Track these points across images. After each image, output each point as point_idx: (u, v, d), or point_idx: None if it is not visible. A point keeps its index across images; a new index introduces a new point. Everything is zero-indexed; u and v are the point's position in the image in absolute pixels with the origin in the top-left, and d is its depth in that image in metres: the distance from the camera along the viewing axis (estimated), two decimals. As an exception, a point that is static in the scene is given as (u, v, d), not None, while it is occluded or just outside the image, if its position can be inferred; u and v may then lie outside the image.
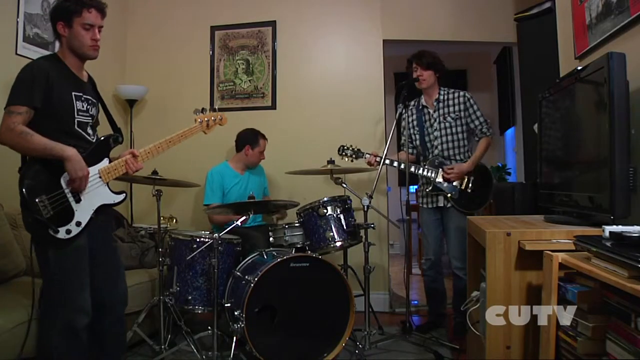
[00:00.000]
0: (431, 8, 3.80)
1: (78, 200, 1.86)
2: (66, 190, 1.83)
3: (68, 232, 1.80)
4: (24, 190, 1.74)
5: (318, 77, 3.82)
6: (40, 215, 1.74)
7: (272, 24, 3.85)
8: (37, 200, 1.74)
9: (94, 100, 2.04)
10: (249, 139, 3.33)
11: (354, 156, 3.04)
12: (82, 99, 1.95)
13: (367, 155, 3.02)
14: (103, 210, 1.95)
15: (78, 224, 1.83)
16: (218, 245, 2.52)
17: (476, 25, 3.77)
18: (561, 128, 2.00)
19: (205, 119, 2.31)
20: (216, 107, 2.42)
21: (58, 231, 1.78)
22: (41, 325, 1.91)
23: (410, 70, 3.02)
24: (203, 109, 2.34)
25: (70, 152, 1.80)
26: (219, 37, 3.92)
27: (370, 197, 2.65)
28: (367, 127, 3.71)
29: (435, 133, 3.00)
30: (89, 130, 1.99)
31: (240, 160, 3.38)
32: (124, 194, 2.01)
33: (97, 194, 1.92)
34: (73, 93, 1.91)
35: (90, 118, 1.99)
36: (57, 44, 1.98)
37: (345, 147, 3.07)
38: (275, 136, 3.56)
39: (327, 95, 3.79)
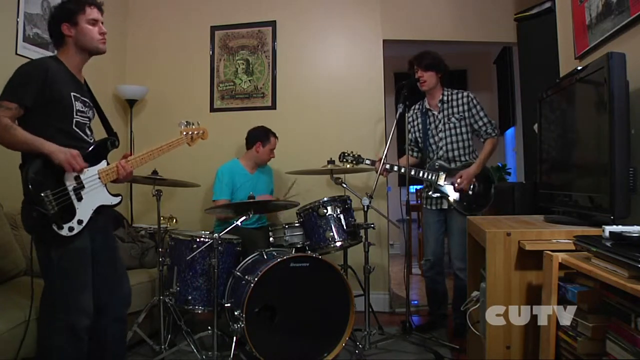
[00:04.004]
0: (431, 8, 3.79)
1: (80, 199, 1.85)
2: (69, 188, 1.82)
3: (71, 229, 1.80)
4: (29, 185, 1.73)
5: (318, 77, 3.82)
6: (46, 209, 1.73)
7: (272, 24, 3.85)
8: (42, 194, 1.73)
9: (91, 103, 2.05)
10: (260, 136, 3.32)
11: (354, 162, 3.05)
12: (81, 100, 1.96)
13: (368, 161, 3.04)
14: (102, 212, 1.95)
15: (80, 222, 1.83)
16: (218, 245, 2.52)
17: (476, 25, 3.76)
18: (561, 128, 1.99)
19: (190, 132, 2.34)
20: (198, 122, 2.40)
21: (62, 227, 1.77)
22: (41, 325, 1.91)
23: (413, 72, 3.02)
24: (187, 122, 2.36)
25: (52, 147, 1.77)
26: (219, 37, 3.92)
27: (371, 197, 2.65)
28: (367, 127, 3.71)
29: (440, 134, 3.00)
30: (87, 131, 1.99)
31: (251, 158, 3.36)
32: (120, 197, 2.02)
33: (96, 194, 1.93)
34: (72, 93, 1.91)
35: (87, 119, 2.00)
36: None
37: (346, 154, 3.07)
38: (275, 136, 3.56)
39: (327, 95, 3.79)
